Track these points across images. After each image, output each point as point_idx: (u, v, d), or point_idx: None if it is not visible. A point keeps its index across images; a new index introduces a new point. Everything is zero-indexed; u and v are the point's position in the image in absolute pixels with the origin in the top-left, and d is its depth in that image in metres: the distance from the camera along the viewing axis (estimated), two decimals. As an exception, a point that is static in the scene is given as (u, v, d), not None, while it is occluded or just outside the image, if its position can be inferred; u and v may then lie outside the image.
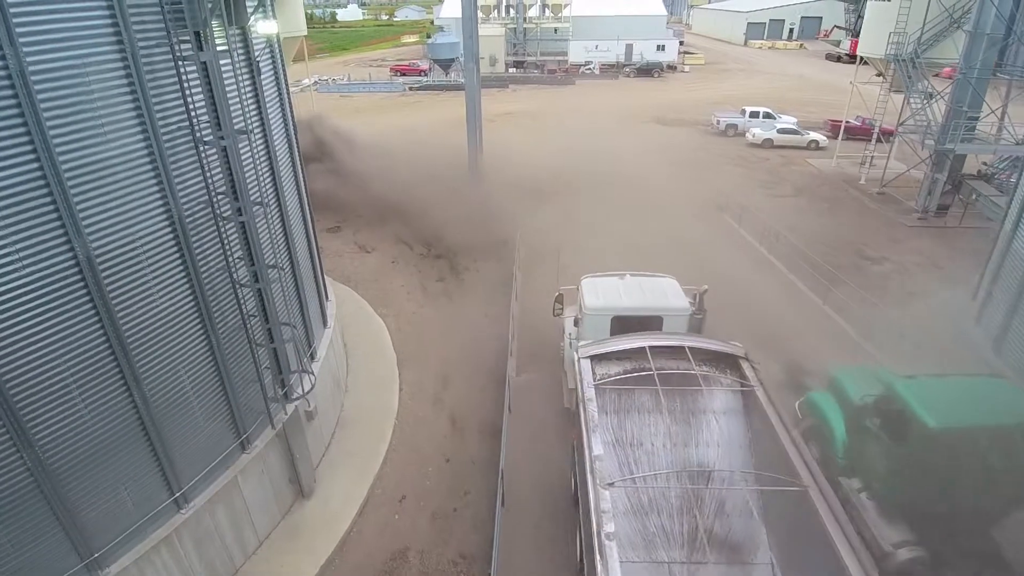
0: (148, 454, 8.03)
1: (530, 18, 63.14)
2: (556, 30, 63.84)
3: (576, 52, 62.80)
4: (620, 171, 26.14)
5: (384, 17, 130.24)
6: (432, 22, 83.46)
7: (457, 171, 24.30)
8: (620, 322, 11.20)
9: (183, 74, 7.34)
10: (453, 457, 12.22)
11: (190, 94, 7.47)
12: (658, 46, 61.91)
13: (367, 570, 9.89)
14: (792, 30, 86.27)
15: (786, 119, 36.10)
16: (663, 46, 62.21)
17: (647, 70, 60.46)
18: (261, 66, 9.41)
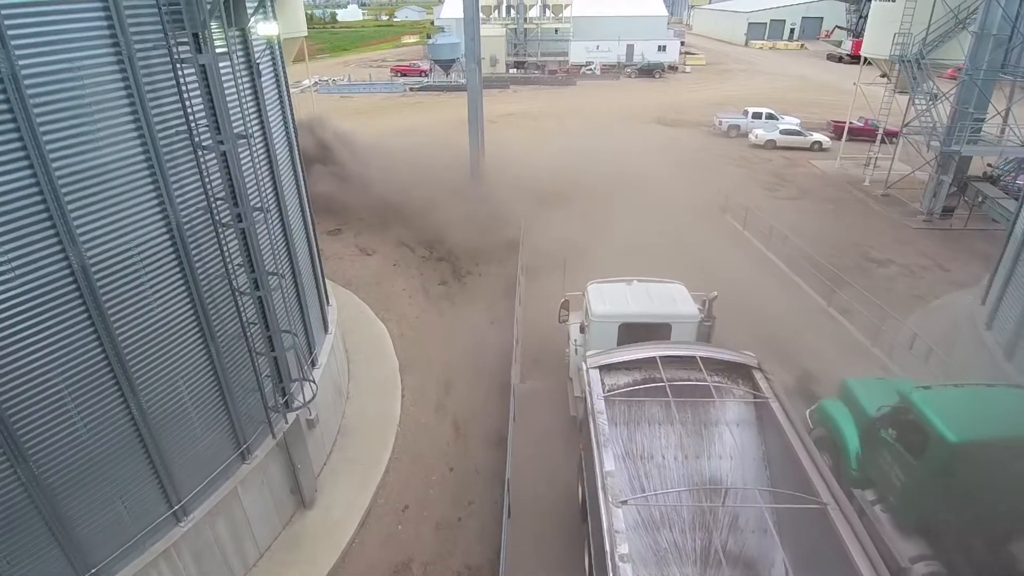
0: (146, 466, 7.86)
1: (531, 19, 62.90)
2: (557, 31, 63.65)
3: (577, 53, 62.68)
4: (622, 172, 25.92)
5: (384, 18, 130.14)
6: (432, 22, 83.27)
7: (458, 172, 24.18)
8: (627, 329, 11.00)
9: (181, 77, 7.14)
10: (457, 465, 12.02)
11: (188, 98, 7.27)
12: (659, 47, 61.93)
13: (370, 582, 9.69)
14: (793, 30, 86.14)
15: (789, 120, 35.94)
16: (664, 47, 62.23)
17: (648, 71, 60.38)
18: (261, 68, 9.21)
